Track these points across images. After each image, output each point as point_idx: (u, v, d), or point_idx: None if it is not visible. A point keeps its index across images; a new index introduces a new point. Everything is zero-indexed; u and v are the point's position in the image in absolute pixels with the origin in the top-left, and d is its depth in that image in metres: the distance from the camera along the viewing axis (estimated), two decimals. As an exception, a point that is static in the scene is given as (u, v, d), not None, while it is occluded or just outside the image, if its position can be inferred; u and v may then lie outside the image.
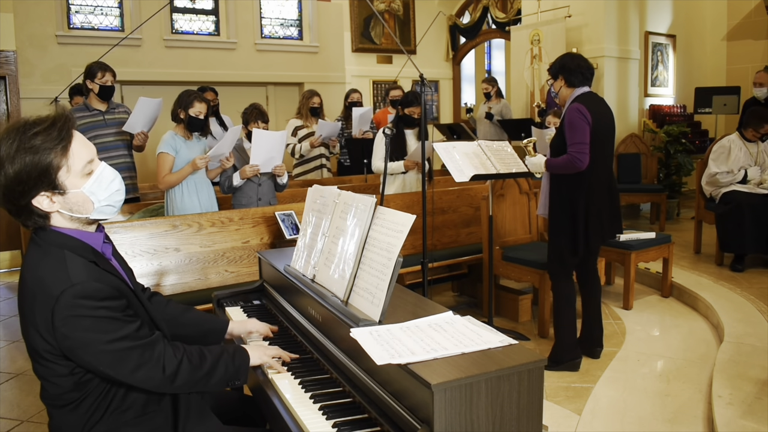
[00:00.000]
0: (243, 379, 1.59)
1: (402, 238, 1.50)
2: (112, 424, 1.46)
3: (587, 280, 3.25)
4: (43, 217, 1.38)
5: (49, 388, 1.42)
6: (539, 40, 6.78)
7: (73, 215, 1.40)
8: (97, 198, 1.41)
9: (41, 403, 1.50)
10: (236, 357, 1.58)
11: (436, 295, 4.62)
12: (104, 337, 1.33)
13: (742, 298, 3.98)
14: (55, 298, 1.30)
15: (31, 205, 1.35)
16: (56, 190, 1.35)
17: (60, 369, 1.38)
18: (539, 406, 1.28)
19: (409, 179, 4.30)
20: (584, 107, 2.97)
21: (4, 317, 4.59)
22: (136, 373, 1.38)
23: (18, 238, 5.86)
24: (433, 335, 1.41)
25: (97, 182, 1.40)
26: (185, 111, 3.60)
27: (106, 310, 1.34)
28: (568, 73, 3.09)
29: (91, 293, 1.32)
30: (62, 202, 1.37)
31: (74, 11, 6.90)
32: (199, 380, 1.49)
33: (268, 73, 7.94)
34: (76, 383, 1.40)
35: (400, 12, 9.18)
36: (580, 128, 2.95)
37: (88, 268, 1.37)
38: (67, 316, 1.30)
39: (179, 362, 1.45)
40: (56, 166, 1.33)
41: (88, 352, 1.34)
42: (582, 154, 2.94)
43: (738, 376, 2.85)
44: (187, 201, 3.66)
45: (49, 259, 1.36)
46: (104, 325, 1.34)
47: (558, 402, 2.82)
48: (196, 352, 1.51)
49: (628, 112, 6.88)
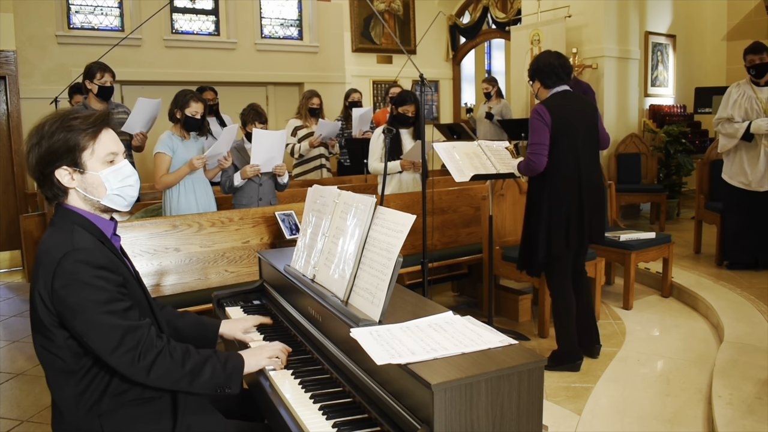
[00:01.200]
0: (235, 388, 1.56)
1: (402, 238, 1.50)
2: (112, 405, 1.50)
3: (573, 280, 3.22)
4: (62, 192, 1.51)
5: (51, 362, 1.48)
6: (539, 40, 6.78)
7: (87, 196, 1.52)
8: (110, 185, 1.53)
9: (41, 402, 1.52)
10: (228, 362, 1.56)
11: (436, 295, 4.62)
12: (95, 308, 1.41)
13: (742, 298, 3.98)
14: (57, 260, 1.41)
15: (54, 176, 1.49)
16: (77, 168, 1.49)
17: (60, 338, 1.45)
18: (539, 406, 1.28)
19: (405, 179, 4.29)
20: (545, 108, 2.98)
21: (4, 317, 4.59)
22: (113, 353, 1.42)
23: (18, 238, 5.86)
24: (433, 335, 1.41)
25: (114, 172, 1.54)
26: (181, 111, 3.59)
27: (101, 279, 1.42)
28: (541, 75, 3.09)
29: (90, 260, 1.42)
30: (80, 181, 1.51)
31: (74, 11, 6.90)
32: (180, 379, 1.48)
33: (268, 73, 7.93)
34: (76, 355, 1.46)
35: (400, 12, 9.18)
36: (538, 129, 2.98)
37: (93, 241, 1.48)
38: (66, 280, 1.40)
39: (157, 354, 1.46)
40: (82, 146, 1.49)
41: (79, 319, 1.41)
42: (536, 155, 2.97)
43: (738, 376, 2.85)
44: (184, 201, 3.65)
45: (59, 232, 1.48)
46: (97, 294, 1.41)
47: (558, 402, 2.82)
48: (180, 349, 1.51)
49: (628, 112, 6.88)
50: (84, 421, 1.48)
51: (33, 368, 3.50)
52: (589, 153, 3.10)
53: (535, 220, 3.10)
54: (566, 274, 3.16)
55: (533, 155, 2.98)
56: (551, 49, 3.24)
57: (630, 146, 6.62)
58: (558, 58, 3.08)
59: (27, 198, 6.39)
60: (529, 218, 3.17)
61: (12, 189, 6.55)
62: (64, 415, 1.49)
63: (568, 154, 3.00)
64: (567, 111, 3.01)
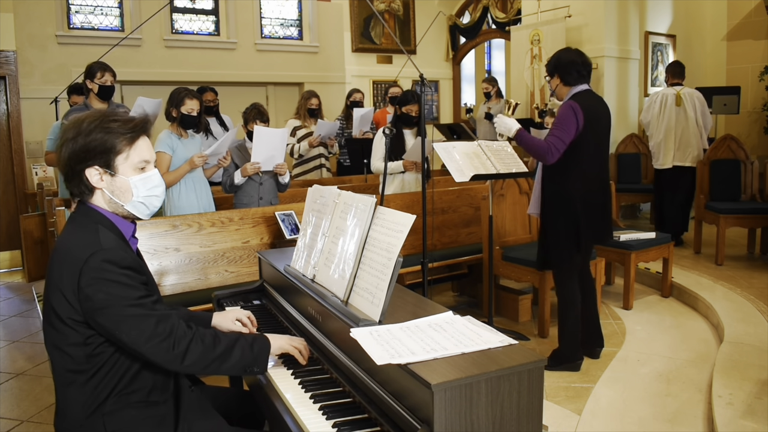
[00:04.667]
0: (262, 367, 1.61)
1: (402, 238, 1.50)
2: (116, 405, 1.50)
3: (580, 281, 3.23)
4: (88, 190, 1.52)
5: (60, 361, 1.48)
6: (539, 40, 6.79)
7: (112, 198, 1.53)
8: (137, 192, 1.54)
9: (41, 402, 1.52)
10: (255, 344, 1.61)
11: (436, 295, 4.62)
12: (124, 302, 1.42)
13: (742, 298, 3.98)
14: (84, 260, 1.41)
15: (84, 174, 1.50)
16: (109, 170, 1.50)
17: (75, 336, 1.45)
18: (539, 406, 1.28)
19: (407, 179, 4.30)
20: (579, 108, 2.93)
21: (4, 317, 4.59)
22: (148, 343, 1.44)
23: (18, 238, 5.86)
24: (433, 335, 1.41)
25: (144, 180, 1.55)
26: (177, 109, 3.58)
27: (128, 278, 1.44)
28: (563, 71, 3.05)
29: (117, 260, 1.44)
30: (109, 183, 1.52)
31: (74, 11, 6.90)
32: (212, 362, 1.52)
33: (268, 73, 7.94)
34: (88, 355, 1.46)
35: (400, 12, 9.18)
36: (568, 125, 2.92)
37: (117, 241, 1.50)
38: (92, 278, 1.40)
39: (190, 341, 1.49)
40: (118, 149, 1.50)
41: (107, 314, 1.41)
42: (556, 148, 2.92)
43: (738, 376, 2.85)
44: (185, 199, 3.64)
45: (83, 230, 1.49)
46: (125, 290, 1.43)
47: (558, 402, 2.82)
48: (209, 334, 1.55)
49: (628, 112, 6.88)
50: (88, 420, 1.48)
51: (33, 368, 3.50)
52: (606, 153, 3.14)
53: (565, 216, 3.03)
54: (575, 273, 3.16)
55: (554, 145, 2.90)
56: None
57: (630, 146, 6.62)
58: (580, 56, 3.05)
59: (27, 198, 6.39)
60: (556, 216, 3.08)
61: (12, 189, 6.55)
62: (68, 413, 1.49)
63: (594, 154, 2.99)
64: (596, 111, 3.00)
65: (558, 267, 3.18)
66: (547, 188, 3.13)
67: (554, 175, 3.07)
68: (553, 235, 3.10)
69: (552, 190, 3.10)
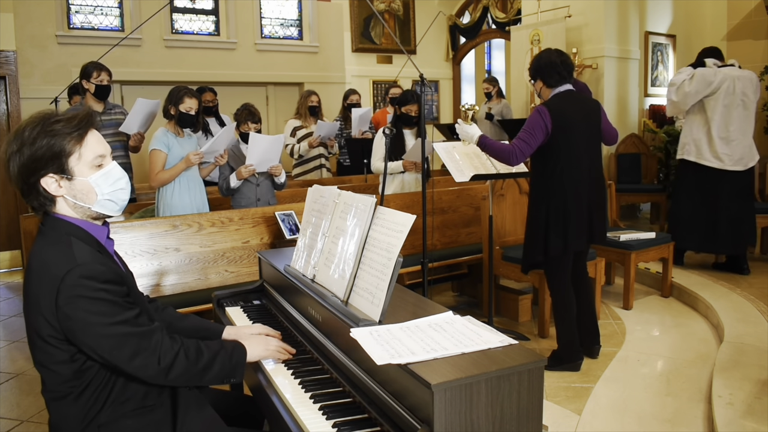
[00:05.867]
0: (239, 377, 1.60)
1: (402, 238, 1.50)
2: (111, 416, 1.47)
3: (575, 281, 3.23)
4: (49, 200, 1.44)
5: (49, 378, 1.44)
6: (539, 40, 6.78)
7: (76, 203, 1.45)
8: (101, 190, 1.46)
9: (41, 402, 1.51)
10: (234, 354, 1.59)
11: (436, 295, 4.62)
12: (105, 320, 1.37)
13: (742, 298, 3.98)
14: (60, 278, 1.35)
15: (39, 184, 1.41)
16: (64, 174, 1.42)
17: (60, 354, 1.40)
18: (539, 406, 1.28)
19: (407, 179, 4.30)
20: (546, 111, 2.94)
21: (4, 317, 4.59)
22: (132, 361, 1.40)
23: (18, 238, 5.86)
24: (433, 335, 1.41)
25: (104, 176, 1.46)
26: (175, 107, 3.58)
27: (107, 293, 1.38)
28: (544, 75, 3.06)
29: (95, 274, 1.37)
30: (68, 188, 1.43)
31: (74, 11, 6.89)
32: (195, 375, 1.51)
33: (268, 73, 7.93)
34: (76, 371, 1.42)
35: (400, 12, 9.18)
36: (535, 130, 2.93)
37: (93, 253, 1.43)
38: (70, 296, 1.34)
39: (175, 355, 1.46)
40: (68, 151, 1.41)
41: (88, 334, 1.36)
42: (521, 151, 2.92)
43: (738, 376, 2.85)
44: (178, 199, 3.64)
45: (55, 245, 1.41)
46: (105, 307, 1.38)
47: (558, 402, 2.82)
48: (193, 346, 1.52)
49: (628, 112, 6.88)
50: None
51: (33, 368, 3.49)
52: (593, 153, 3.09)
53: (535, 220, 3.09)
54: (565, 273, 3.14)
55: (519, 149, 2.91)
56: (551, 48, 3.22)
57: (630, 146, 6.62)
58: (559, 56, 3.04)
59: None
60: (531, 218, 3.15)
61: (12, 189, 6.53)
62: (62, 428, 1.45)
63: (571, 154, 2.98)
64: (570, 112, 2.98)
65: (546, 269, 3.19)
66: (531, 189, 3.17)
67: (536, 177, 3.11)
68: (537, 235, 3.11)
69: (535, 191, 3.12)
